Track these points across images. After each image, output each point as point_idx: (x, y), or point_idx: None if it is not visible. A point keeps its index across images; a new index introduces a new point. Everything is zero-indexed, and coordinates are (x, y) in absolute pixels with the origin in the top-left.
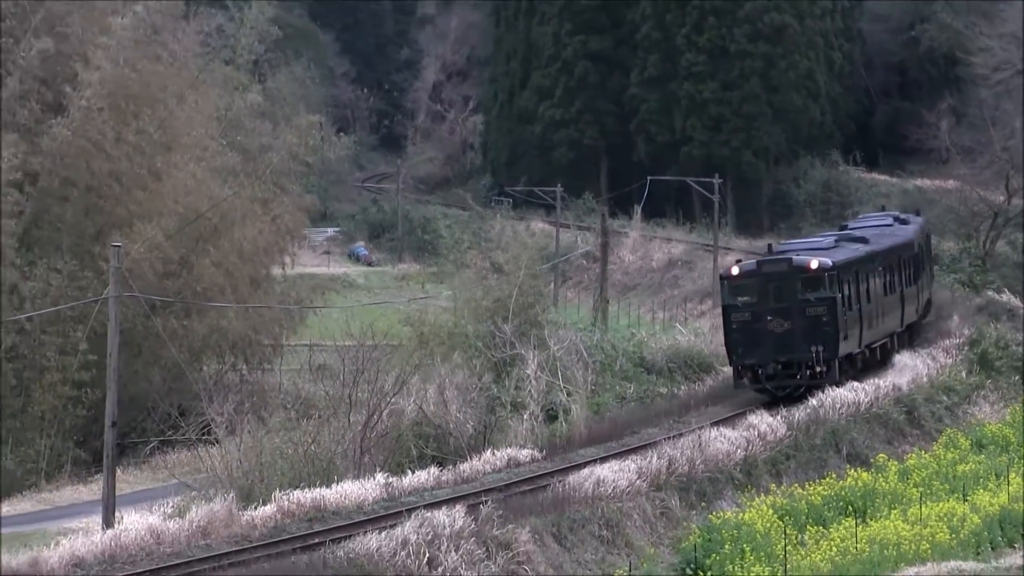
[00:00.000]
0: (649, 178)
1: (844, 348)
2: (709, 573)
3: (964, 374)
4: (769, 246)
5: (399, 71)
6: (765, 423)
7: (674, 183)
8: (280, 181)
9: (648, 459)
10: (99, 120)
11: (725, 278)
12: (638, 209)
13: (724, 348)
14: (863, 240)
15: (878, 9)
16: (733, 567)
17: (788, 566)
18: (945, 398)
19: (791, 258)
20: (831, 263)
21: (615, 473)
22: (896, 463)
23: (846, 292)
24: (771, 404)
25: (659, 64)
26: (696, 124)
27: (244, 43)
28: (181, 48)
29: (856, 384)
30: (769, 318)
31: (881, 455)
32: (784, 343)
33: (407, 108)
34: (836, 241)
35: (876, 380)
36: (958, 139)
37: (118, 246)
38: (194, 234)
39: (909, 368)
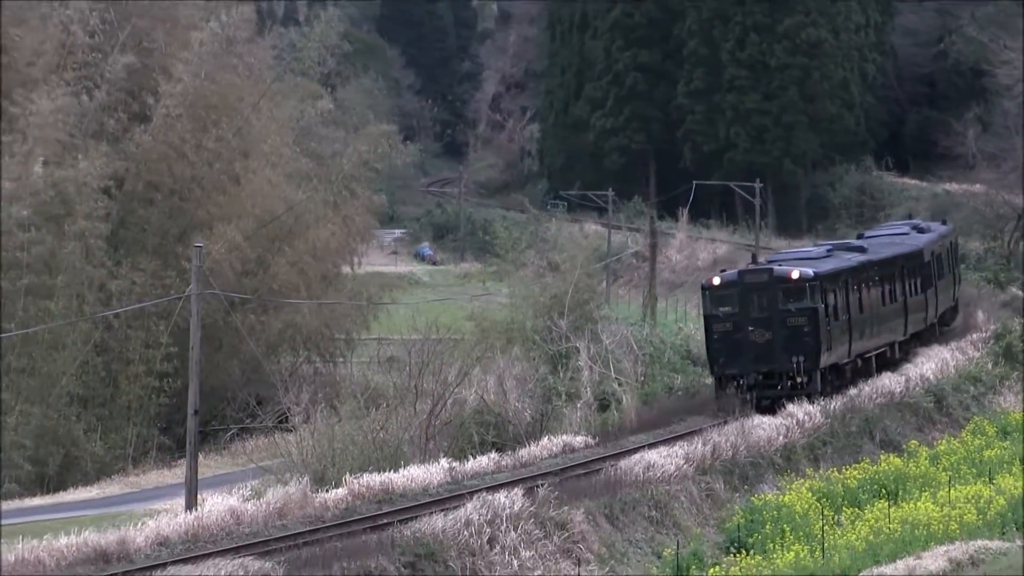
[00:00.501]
0: (695, 183)
1: (828, 359)
2: (751, 551)
3: (990, 365)
4: (753, 256)
5: (461, 83)
6: (803, 411)
7: (718, 187)
8: (351, 186)
9: (694, 445)
10: (180, 128)
11: (706, 288)
12: (684, 212)
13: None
14: (860, 250)
15: (908, 24)
16: (774, 545)
17: (825, 545)
18: (972, 388)
19: (772, 268)
20: (813, 273)
21: (663, 458)
22: (926, 449)
23: (831, 302)
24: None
25: (704, 77)
26: (739, 132)
27: (313, 56)
28: (256, 61)
29: (889, 374)
30: (750, 328)
31: (912, 441)
32: (765, 353)
33: (468, 118)
34: (829, 251)
35: (906, 371)
36: (984, 146)
37: (199, 246)
38: (270, 235)
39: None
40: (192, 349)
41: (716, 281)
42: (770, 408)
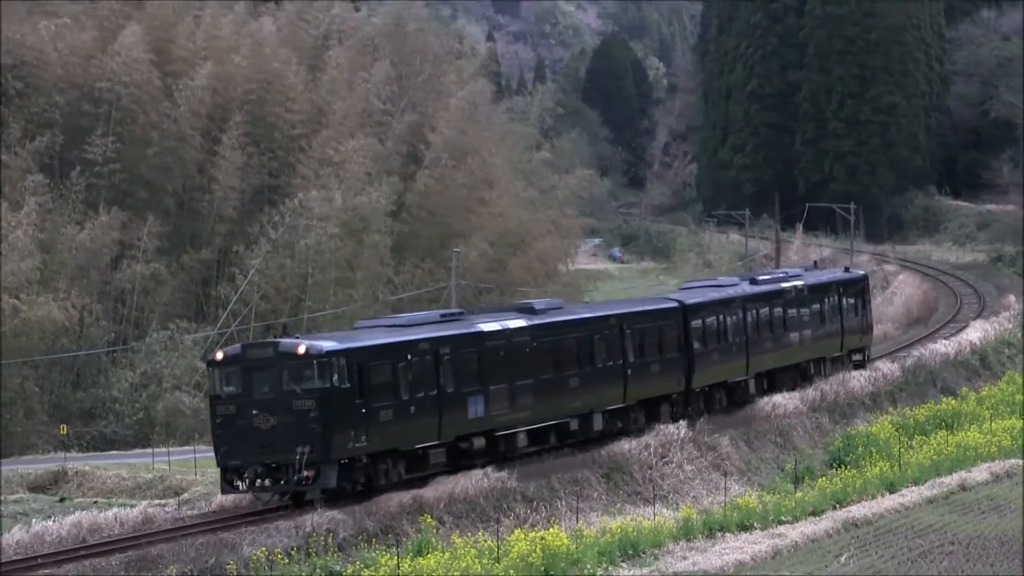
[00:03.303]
0: (807, 205)
1: (358, 447)
2: (848, 466)
3: (1020, 334)
4: (284, 327)
5: (641, 135)
6: (887, 368)
7: (824, 208)
8: (564, 209)
9: (807, 391)
10: (443, 166)
11: (210, 364)
12: (799, 225)
13: None
14: (529, 311)
15: (961, 91)
16: (864, 462)
17: (901, 462)
18: (1007, 350)
19: (279, 342)
20: (324, 349)
21: (786, 400)
22: (974, 393)
23: (374, 380)
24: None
25: (814, 129)
26: (839, 169)
27: (531, 116)
28: (496, 120)
29: (944, 340)
30: (254, 412)
31: (964, 388)
32: (269, 442)
33: (646, 160)
34: (445, 316)
35: (959, 338)
36: (1015, 178)
37: (457, 251)
38: (508, 244)
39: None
40: None
41: (219, 356)
42: (298, 500)
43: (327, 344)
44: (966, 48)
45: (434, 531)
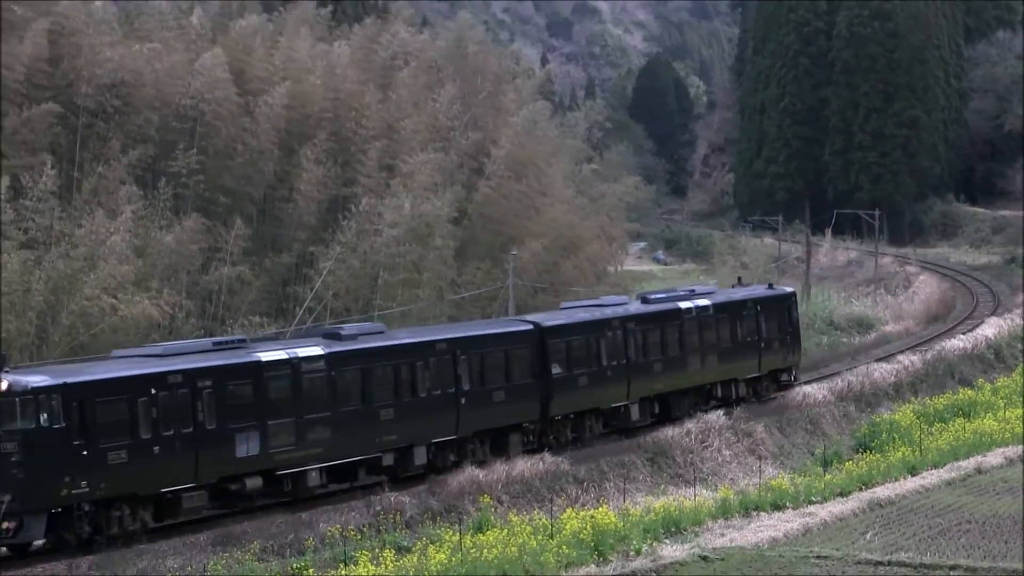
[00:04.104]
0: (835, 211)
1: (74, 495)
2: (873, 451)
3: None
4: (3, 358)
5: (682, 147)
6: (908, 360)
7: (850, 214)
8: (612, 215)
9: (835, 382)
10: (502, 178)
11: None
12: (828, 230)
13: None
14: (333, 337)
15: (977, 106)
16: (888, 447)
17: (922, 447)
18: (1019, 344)
19: None
20: (30, 385)
21: (815, 390)
22: (989, 384)
23: (89, 420)
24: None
25: (842, 142)
26: (864, 178)
27: (582, 130)
28: (550, 135)
29: (961, 335)
30: None
31: (980, 379)
32: None
33: (687, 170)
34: (219, 344)
35: (974, 333)
36: None
37: (514, 254)
38: (560, 247)
39: None
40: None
41: None
42: (19, 552)
43: (35, 379)
44: (983, 66)
45: (493, 510)
